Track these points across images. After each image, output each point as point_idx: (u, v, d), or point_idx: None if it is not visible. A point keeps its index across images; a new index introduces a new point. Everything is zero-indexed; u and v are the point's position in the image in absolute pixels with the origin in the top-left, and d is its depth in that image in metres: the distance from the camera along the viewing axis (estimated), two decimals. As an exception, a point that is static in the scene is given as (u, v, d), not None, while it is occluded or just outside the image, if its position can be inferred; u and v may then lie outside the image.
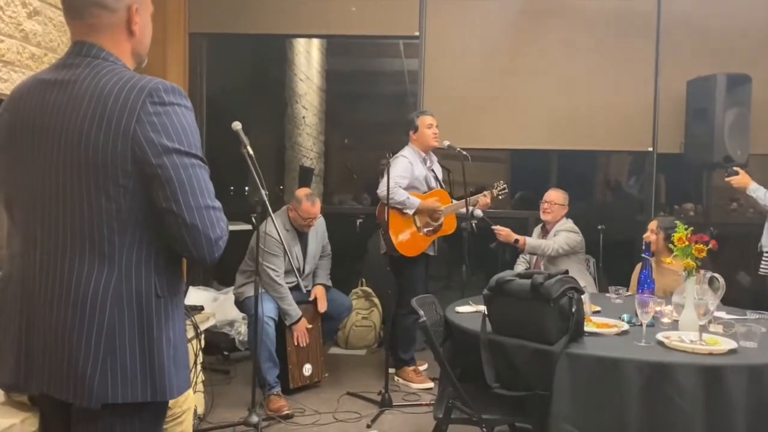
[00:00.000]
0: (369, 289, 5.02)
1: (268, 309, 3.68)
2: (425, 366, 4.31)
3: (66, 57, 1.45)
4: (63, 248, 1.37)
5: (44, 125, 1.39)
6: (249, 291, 3.71)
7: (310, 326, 3.92)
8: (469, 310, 2.86)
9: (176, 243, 1.38)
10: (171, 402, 2.26)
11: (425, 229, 4.07)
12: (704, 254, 2.50)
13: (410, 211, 3.98)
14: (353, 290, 4.99)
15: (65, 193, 1.36)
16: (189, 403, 2.40)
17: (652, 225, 3.53)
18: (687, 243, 2.51)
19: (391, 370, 4.04)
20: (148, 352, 1.37)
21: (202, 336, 3.44)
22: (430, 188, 4.17)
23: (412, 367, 4.17)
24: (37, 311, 1.38)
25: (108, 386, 1.33)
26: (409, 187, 4.03)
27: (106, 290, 1.34)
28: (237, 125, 3.03)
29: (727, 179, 3.95)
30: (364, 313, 4.94)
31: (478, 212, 4.11)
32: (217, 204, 1.41)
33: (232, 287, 4.09)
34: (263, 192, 3.08)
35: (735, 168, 3.95)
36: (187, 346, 1.51)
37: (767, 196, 3.77)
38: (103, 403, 1.34)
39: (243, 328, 4.56)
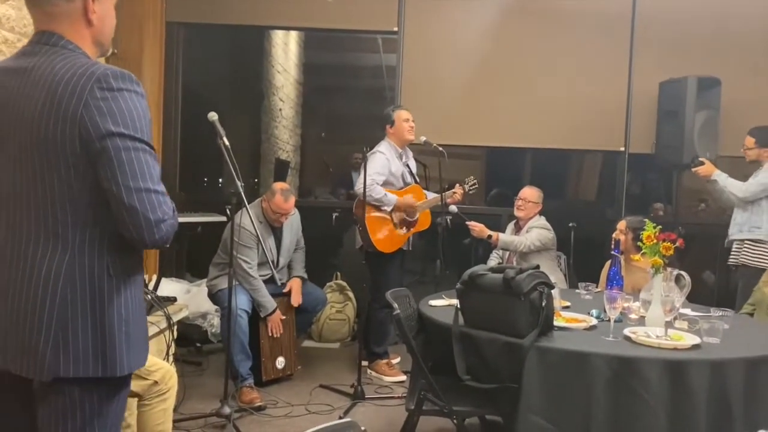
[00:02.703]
0: (343, 283, 5.04)
1: (241, 301, 3.67)
2: (398, 359, 4.34)
3: (28, 45, 1.49)
4: (19, 229, 1.43)
5: (4, 112, 1.44)
6: (222, 283, 3.70)
7: (284, 317, 3.92)
8: (443, 304, 2.90)
9: (119, 223, 1.42)
10: (158, 377, 2.29)
11: (401, 226, 4.10)
12: (671, 252, 2.57)
13: (388, 208, 4.00)
14: (328, 284, 5.00)
15: (22, 177, 1.42)
16: (174, 380, 2.42)
17: (621, 225, 3.60)
18: (655, 241, 2.58)
19: (364, 363, 4.07)
20: (99, 329, 1.41)
21: (175, 327, 3.42)
22: (405, 184, 4.20)
23: (384, 361, 4.20)
24: None
25: (60, 361, 1.38)
26: (385, 183, 4.05)
27: (59, 269, 1.40)
28: (213, 116, 3.01)
29: (693, 170, 4.11)
30: (338, 306, 4.96)
31: (453, 208, 4.15)
32: (161, 188, 1.44)
33: (205, 279, 4.07)
34: (239, 184, 3.07)
35: (701, 159, 4.12)
36: (144, 324, 1.54)
37: (728, 180, 4.02)
38: (55, 377, 1.38)
39: (216, 321, 4.55)
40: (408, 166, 4.24)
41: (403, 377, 4.06)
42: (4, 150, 1.44)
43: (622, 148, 4.99)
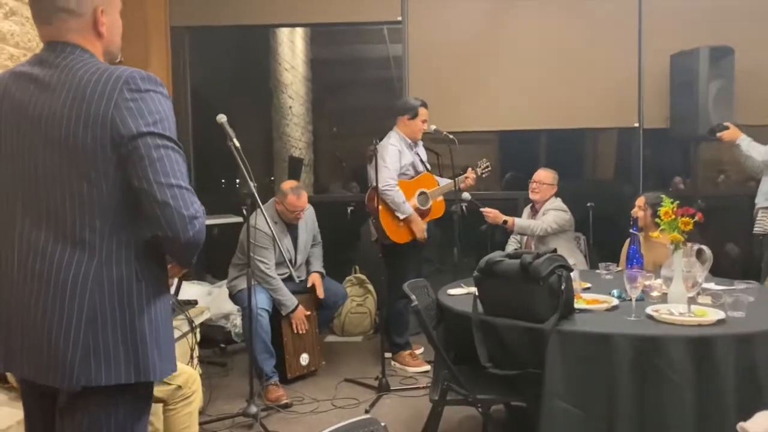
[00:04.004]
0: (363, 276, 5.04)
1: (261, 300, 3.69)
2: (421, 349, 4.34)
3: (41, 54, 1.48)
4: (46, 236, 1.41)
5: (23, 117, 1.43)
6: (241, 284, 3.72)
7: (308, 313, 3.94)
8: (461, 293, 2.88)
9: (152, 223, 1.42)
10: (181, 382, 2.32)
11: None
12: (690, 227, 2.52)
13: (401, 216, 3.98)
14: (347, 278, 5.01)
15: (47, 182, 1.41)
16: (198, 383, 2.44)
17: (640, 201, 3.55)
18: (673, 217, 2.54)
19: (388, 355, 4.07)
20: (129, 334, 1.40)
21: (198, 330, 3.45)
22: (417, 172, 4.18)
23: (408, 351, 4.21)
24: (17, 297, 1.42)
25: (90, 368, 1.37)
26: (399, 175, 4.04)
27: (87, 275, 1.38)
28: (222, 118, 3.02)
29: (718, 134, 4.04)
30: (358, 300, 4.97)
31: (466, 195, 4.13)
32: (189, 186, 1.44)
33: (226, 280, 4.10)
34: (251, 184, 3.07)
35: (726, 124, 4.04)
36: (171, 329, 1.54)
37: (751, 144, 3.93)
38: (85, 385, 1.37)
39: (238, 321, 4.57)
40: (419, 154, 4.22)
41: (427, 367, 4.05)
42: (23, 156, 1.42)
43: (636, 124, 4.91)
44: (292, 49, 7.86)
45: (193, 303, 3.53)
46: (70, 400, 1.41)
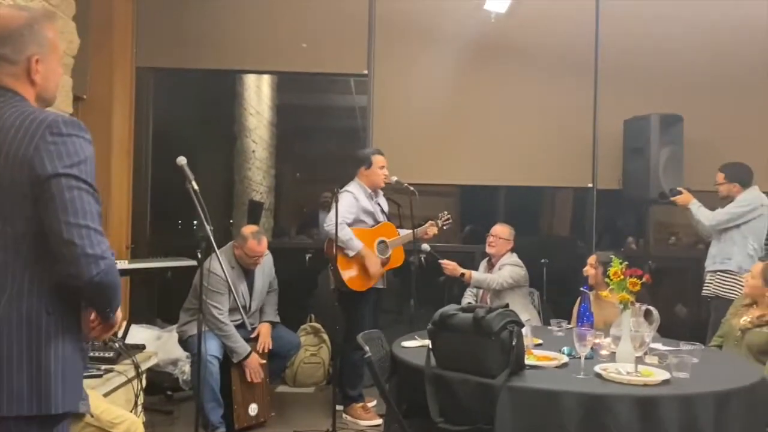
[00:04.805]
0: (318, 325, 4.97)
1: (212, 347, 3.61)
2: (374, 402, 4.28)
3: None
4: None
5: None
6: (192, 329, 3.64)
7: (263, 361, 3.85)
8: (415, 345, 2.87)
9: (57, 262, 1.44)
10: (123, 430, 2.25)
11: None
12: (638, 288, 2.59)
13: (351, 253, 3.96)
14: (302, 326, 4.93)
15: None
16: None
17: (592, 260, 3.64)
18: (622, 277, 2.60)
19: (340, 408, 4.00)
20: (35, 368, 1.44)
21: (144, 376, 3.34)
22: (377, 222, 4.20)
23: (360, 404, 4.14)
24: None
25: None
26: (356, 222, 4.06)
27: None
28: (182, 160, 3.01)
29: (672, 198, 4.21)
30: (312, 349, 4.88)
31: (426, 246, 4.16)
32: (100, 229, 1.47)
33: (176, 325, 4.00)
34: (208, 228, 3.05)
35: (679, 189, 4.23)
36: (80, 364, 1.55)
37: (699, 209, 4.13)
38: None
39: (187, 367, 4.44)
40: (379, 204, 4.26)
41: (379, 421, 3.99)
42: None
43: (590, 185, 5.08)
44: (258, 95, 7.92)
45: (140, 347, 3.43)
46: None
